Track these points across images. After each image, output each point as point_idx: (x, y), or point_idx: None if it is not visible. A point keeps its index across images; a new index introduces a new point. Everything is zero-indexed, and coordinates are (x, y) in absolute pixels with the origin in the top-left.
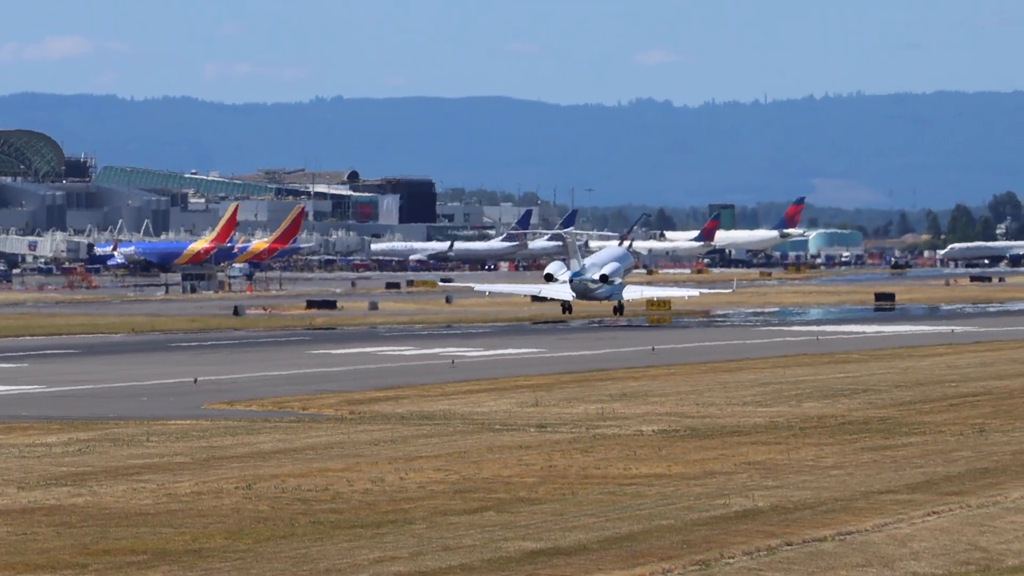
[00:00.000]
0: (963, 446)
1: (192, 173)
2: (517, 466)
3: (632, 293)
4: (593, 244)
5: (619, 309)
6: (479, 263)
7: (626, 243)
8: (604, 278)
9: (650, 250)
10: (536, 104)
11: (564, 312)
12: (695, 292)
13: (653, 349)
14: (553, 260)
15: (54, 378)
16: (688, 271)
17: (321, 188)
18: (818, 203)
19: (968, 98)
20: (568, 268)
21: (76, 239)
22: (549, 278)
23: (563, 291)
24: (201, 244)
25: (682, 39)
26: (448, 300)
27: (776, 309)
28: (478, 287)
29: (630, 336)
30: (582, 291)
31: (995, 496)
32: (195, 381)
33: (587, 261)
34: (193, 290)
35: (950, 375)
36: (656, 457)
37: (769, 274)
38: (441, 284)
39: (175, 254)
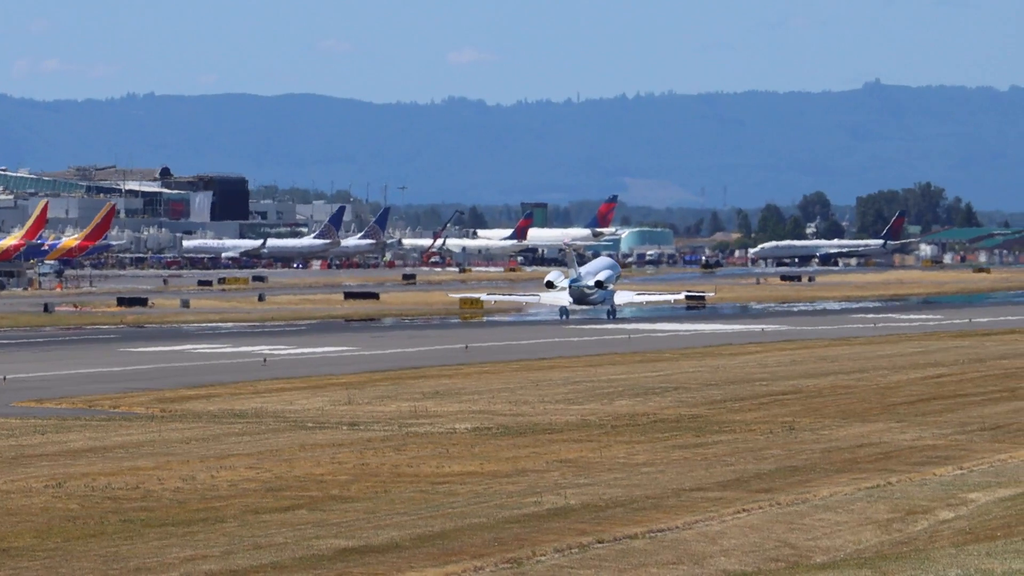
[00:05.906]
0: (773, 444)
1: (1, 169)
2: (329, 464)
3: (623, 298)
4: (406, 242)
5: (612, 313)
6: (291, 261)
7: (439, 241)
8: (599, 284)
9: (463, 248)
10: (349, 102)
11: (561, 317)
12: (680, 296)
13: (466, 347)
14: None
15: None
16: (501, 269)
17: (133, 185)
18: (630, 202)
19: (778, 98)
20: (566, 276)
21: None
22: (550, 285)
23: (562, 297)
24: (10, 241)
25: (494, 38)
26: (261, 298)
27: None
28: (485, 297)
29: (443, 334)
30: (579, 297)
31: (804, 494)
32: (3, 379)
33: (583, 270)
34: (2, 287)
35: (760, 374)
36: (469, 455)
37: None
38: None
39: None
